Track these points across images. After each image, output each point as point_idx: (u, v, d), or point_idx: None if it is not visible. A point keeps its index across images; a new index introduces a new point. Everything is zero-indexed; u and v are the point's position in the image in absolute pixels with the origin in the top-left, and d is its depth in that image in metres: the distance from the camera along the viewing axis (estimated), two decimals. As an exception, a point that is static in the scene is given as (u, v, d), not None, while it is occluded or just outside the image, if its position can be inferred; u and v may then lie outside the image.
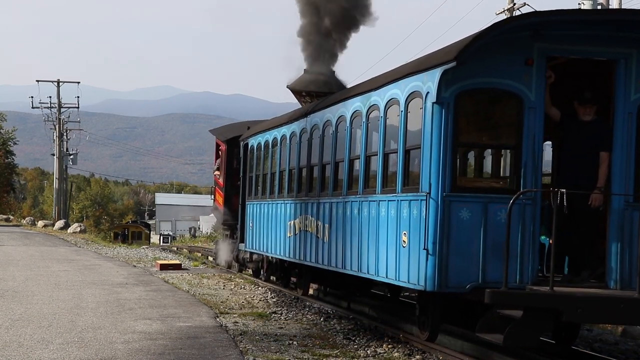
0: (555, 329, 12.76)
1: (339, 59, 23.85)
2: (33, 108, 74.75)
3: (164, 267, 27.45)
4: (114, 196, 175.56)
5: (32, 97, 73.18)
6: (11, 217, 70.58)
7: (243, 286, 22.11)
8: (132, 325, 14.07)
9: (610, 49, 11.63)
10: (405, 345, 13.32)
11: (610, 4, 29.99)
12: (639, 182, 11.67)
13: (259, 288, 21.75)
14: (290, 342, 13.14)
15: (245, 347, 12.39)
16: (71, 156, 76.88)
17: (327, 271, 16.62)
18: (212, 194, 31.60)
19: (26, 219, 71.97)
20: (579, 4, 29.30)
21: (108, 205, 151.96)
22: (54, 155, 74.50)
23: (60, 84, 73.84)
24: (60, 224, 60.31)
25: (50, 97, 74.30)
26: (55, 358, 11.11)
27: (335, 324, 15.64)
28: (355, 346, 13.22)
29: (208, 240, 67.47)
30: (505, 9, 36.73)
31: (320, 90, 22.07)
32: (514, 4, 36.37)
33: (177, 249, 55.29)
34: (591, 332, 15.87)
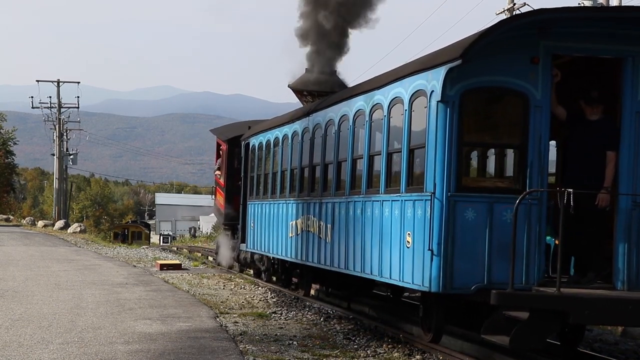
0: (560, 330, 12.61)
1: (341, 58, 23.74)
2: (33, 108, 74.67)
3: (164, 267, 27.40)
4: (114, 196, 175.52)
5: (32, 97, 73.20)
6: (11, 217, 70.48)
7: (243, 286, 22.05)
8: (132, 325, 14.03)
9: (617, 46, 11.49)
10: (405, 345, 13.26)
11: (610, 2, 29.86)
12: (646, 182, 11.54)
13: (259, 288, 21.69)
14: (290, 342, 13.10)
15: (245, 347, 12.35)
16: (71, 156, 76.79)
17: (329, 272, 16.50)
18: (213, 194, 31.49)
19: (26, 219, 71.86)
20: (579, 3, 29.17)
21: (108, 205, 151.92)
22: (54, 155, 74.42)
23: (60, 84, 73.76)
24: (60, 224, 60.20)
25: (50, 97, 74.31)
26: (55, 358, 11.07)
27: (335, 324, 15.59)
28: (355, 346, 13.19)
29: (208, 240, 67.36)
30: (505, 9, 36.67)
31: (321, 90, 21.96)
32: (514, 4, 36.31)
33: (177, 249, 55.20)
34: (591, 332, 15.77)
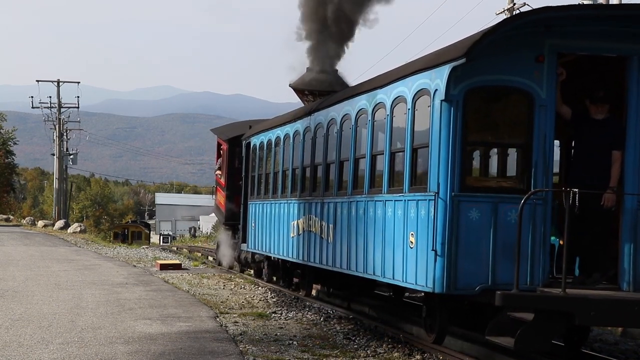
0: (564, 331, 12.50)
1: (342, 57, 23.65)
2: (33, 108, 74.60)
3: (164, 267, 27.35)
4: (114, 196, 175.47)
5: (32, 97, 73.14)
6: (11, 217, 70.40)
7: (243, 286, 22.01)
8: (132, 325, 14.01)
9: (623, 45, 11.36)
10: (405, 345, 13.22)
11: (610, 0, 29.73)
12: (652, 182, 11.41)
13: (259, 288, 21.67)
14: (290, 342, 13.08)
15: (245, 347, 12.33)
16: (71, 156, 76.72)
17: (331, 272, 16.41)
18: (214, 194, 31.39)
19: (26, 219, 71.78)
20: (579, 1, 29.05)
21: (108, 205, 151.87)
22: (54, 155, 74.35)
23: (60, 84, 73.69)
24: (60, 224, 60.12)
25: (50, 97, 74.27)
26: (55, 358, 11.06)
27: (335, 324, 15.58)
28: (355, 346, 13.17)
29: (208, 240, 67.32)
30: (505, 9, 36.60)
31: (323, 89, 21.85)
32: (514, 4, 36.24)
33: (177, 248, 55.14)
34: (591, 332, 15.67)
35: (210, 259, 39.51)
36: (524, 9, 34.83)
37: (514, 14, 34.30)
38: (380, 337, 13.93)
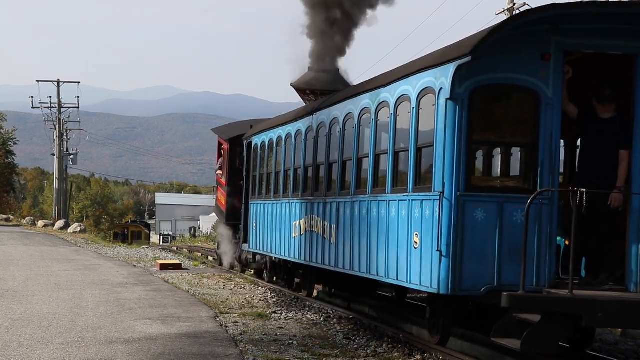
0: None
1: (344, 57, 23.54)
2: (33, 108, 74.47)
3: (164, 267, 27.28)
4: (114, 196, 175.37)
5: (32, 97, 72.97)
6: (11, 217, 70.29)
7: (243, 286, 21.96)
8: (132, 325, 13.99)
9: (631, 43, 11.23)
10: (405, 345, 13.16)
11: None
12: (660, 181, 11.27)
13: (259, 288, 21.63)
14: (290, 342, 13.04)
15: (245, 347, 12.31)
16: (71, 156, 76.58)
17: (333, 272, 16.28)
18: (215, 194, 31.28)
19: (26, 219, 71.67)
20: (581, -1, 28.86)
21: (108, 205, 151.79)
22: (54, 155, 74.23)
23: (60, 84, 73.55)
24: (60, 224, 60.00)
25: (50, 97, 74.12)
26: (55, 358, 11.03)
27: (335, 324, 15.53)
28: (355, 346, 13.13)
29: (208, 240, 67.24)
30: (505, 9, 36.48)
31: (324, 89, 21.73)
32: (514, 4, 36.12)
33: (177, 248, 55.05)
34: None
35: (210, 259, 39.43)
36: (524, 9, 34.71)
37: (514, 14, 34.20)
38: (380, 337, 13.89)
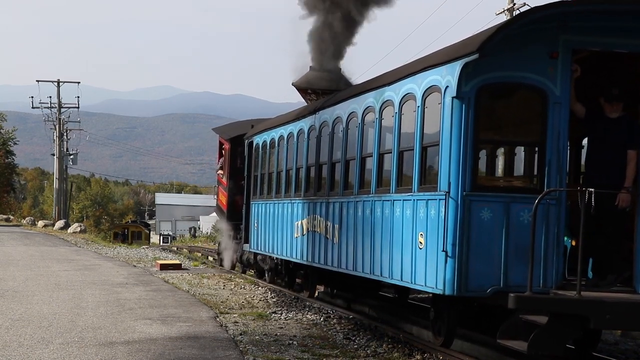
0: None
1: (345, 56, 23.41)
2: (33, 108, 74.36)
3: (164, 267, 27.19)
4: (114, 196, 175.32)
5: (32, 97, 72.88)
6: (11, 217, 70.19)
7: (243, 286, 21.89)
8: (132, 325, 13.97)
9: (638, 41, 11.08)
10: (405, 345, 13.09)
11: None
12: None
13: (259, 288, 21.56)
14: (290, 342, 13.01)
15: (245, 347, 12.29)
16: (71, 156, 76.47)
17: (335, 273, 16.15)
18: (215, 194, 31.16)
19: (26, 219, 71.57)
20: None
21: (108, 205, 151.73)
22: (54, 155, 74.12)
23: (60, 84, 73.45)
24: (60, 224, 59.89)
25: (50, 97, 74.03)
26: (55, 358, 11.02)
27: (335, 324, 15.48)
28: (355, 346, 13.09)
29: (208, 240, 67.13)
30: (505, 9, 36.32)
31: (326, 88, 21.60)
32: (514, 4, 35.97)
33: (177, 249, 54.93)
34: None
35: (210, 259, 39.32)
36: (524, 9, 34.57)
37: (514, 14, 34.07)
38: (380, 337, 13.84)
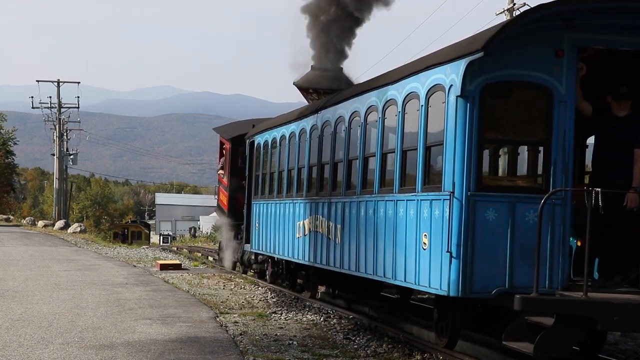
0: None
1: (346, 56, 23.30)
2: (33, 108, 74.33)
3: (164, 267, 27.09)
4: (114, 196, 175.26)
5: (32, 97, 72.86)
6: (11, 217, 70.14)
7: (243, 286, 21.81)
8: (132, 325, 13.92)
9: None
10: (405, 345, 13.01)
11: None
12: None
13: (259, 288, 21.47)
14: (290, 342, 12.94)
15: (245, 347, 12.23)
16: (71, 156, 76.41)
17: (337, 273, 16.03)
18: (216, 194, 31.05)
19: (26, 219, 71.50)
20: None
21: (108, 205, 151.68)
22: (54, 155, 74.07)
23: (60, 84, 73.40)
24: (60, 224, 59.81)
25: (50, 97, 74.00)
26: (55, 358, 10.99)
27: (335, 324, 15.40)
28: (355, 346, 13.03)
29: (208, 240, 67.05)
30: (505, 9, 36.21)
31: (328, 87, 21.51)
32: (514, 4, 35.86)
33: (177, 249, 54.87)
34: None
35: (211, 259, 39.22)
36: (524, 9, 34.46)
37: (514, 14, 33.95)
38: (380, 337, 13.77)
